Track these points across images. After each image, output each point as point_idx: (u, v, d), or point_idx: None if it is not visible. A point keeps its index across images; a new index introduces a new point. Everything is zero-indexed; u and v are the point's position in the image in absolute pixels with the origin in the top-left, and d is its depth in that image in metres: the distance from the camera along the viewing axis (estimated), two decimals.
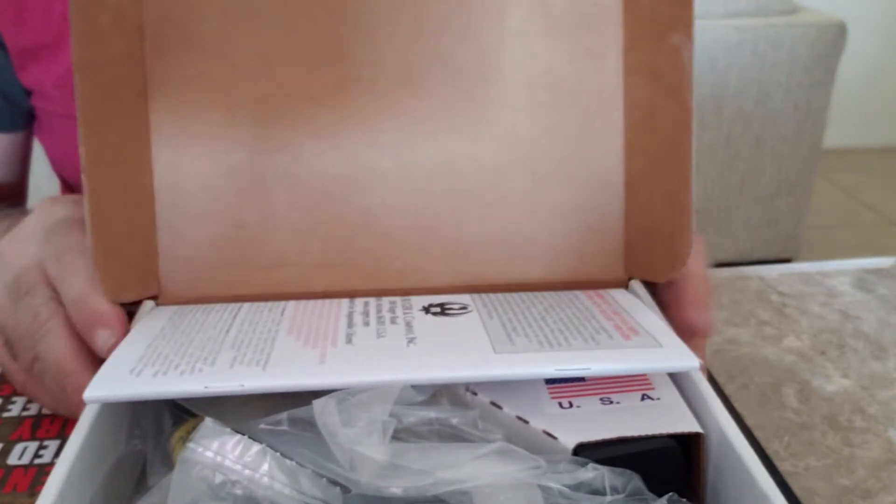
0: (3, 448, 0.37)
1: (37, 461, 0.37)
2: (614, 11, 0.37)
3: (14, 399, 0.41)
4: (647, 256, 0.38)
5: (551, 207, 0.38)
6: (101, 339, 0.32)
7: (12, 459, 0.37)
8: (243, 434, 0.25)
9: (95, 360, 0.32)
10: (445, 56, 0.36)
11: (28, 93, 0.60)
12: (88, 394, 0.28)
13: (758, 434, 0.41)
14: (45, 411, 0.40)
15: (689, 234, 0.36)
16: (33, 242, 0.37)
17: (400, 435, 0.27)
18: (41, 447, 0.37)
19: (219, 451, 0.24)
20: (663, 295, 0.36)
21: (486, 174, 0.38)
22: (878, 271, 0.58)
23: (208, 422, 0.25)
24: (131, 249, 0.35)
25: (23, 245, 0.37)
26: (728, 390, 0.43)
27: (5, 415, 0.40)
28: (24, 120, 0.63)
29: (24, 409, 0.40)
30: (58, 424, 0.39)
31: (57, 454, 0.37)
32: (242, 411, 0.28)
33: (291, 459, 0.24)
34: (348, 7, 0.36)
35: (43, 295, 0.35)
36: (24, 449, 0.37)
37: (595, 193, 0.38)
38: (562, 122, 0.37)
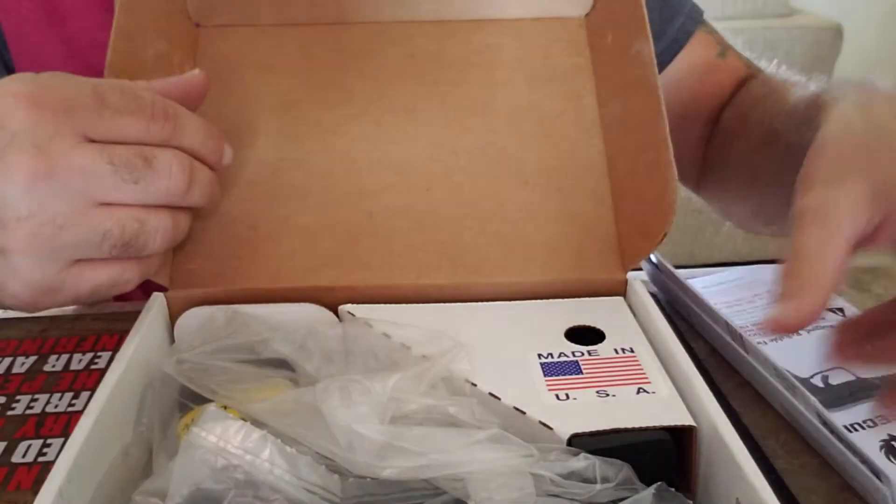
0: (7, 446, 0.38)
1: (41, 459, 0.37)
2: (584, 65, 0.45)
3: (18, 397, 0.41)
4: (638, 219, 0.40)
5: (544, 214, 0.41)
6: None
7: (16, 457, 0.37)
8: (245, 420, 0.25)
9: None
10: (442, 97, 0.44)
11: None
12: None
13: (754, 432, 0.41)
14: (48, 409, 0.40)
15: (673, 192, 0.37)
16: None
17: (399, 423, 0.27)
18: (45, 445, 0.38)
19: (221, 436, 0.24)
20: None
21: (481, 186, 0.42)
22: (874, 270, 0.58)
23: (212, 407, 0.26)
24: None
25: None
26: (725, 388, 0.43)
27: (9, 413, 0.40)
28: None
29: (28, 407, 0.40)
30: (62, 422, 0.39)
31: (61, 452, 0.37)
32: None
33: (291, 447, 0.25)
34: (359, 63, 0.44)
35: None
36: (28, 447, 0.38)
37: (585, 202, 0.42)
38: (547, 144, 0.43)
